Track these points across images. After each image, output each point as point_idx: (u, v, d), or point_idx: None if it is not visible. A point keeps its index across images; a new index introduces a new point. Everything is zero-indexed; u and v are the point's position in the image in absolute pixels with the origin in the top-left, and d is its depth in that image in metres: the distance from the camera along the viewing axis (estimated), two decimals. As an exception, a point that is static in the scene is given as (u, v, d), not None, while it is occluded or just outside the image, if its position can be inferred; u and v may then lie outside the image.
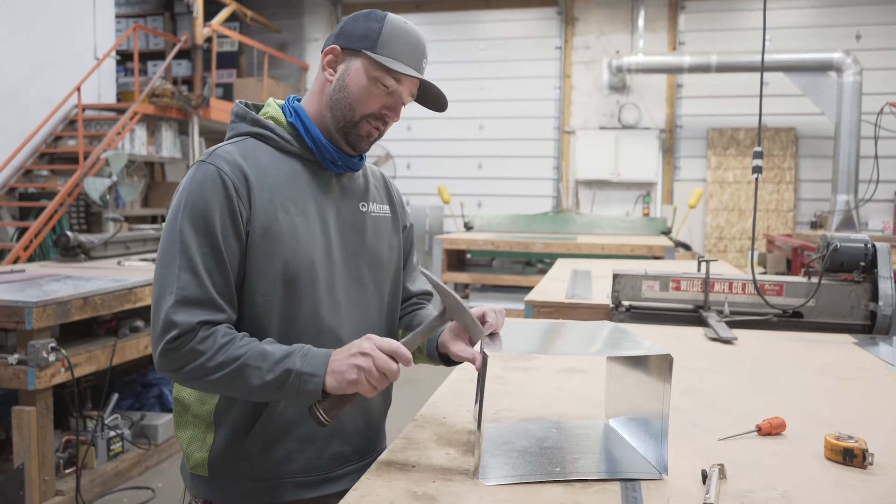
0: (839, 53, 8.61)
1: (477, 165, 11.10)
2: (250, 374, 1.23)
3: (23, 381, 3.14)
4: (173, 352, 1.24)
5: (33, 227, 6.87)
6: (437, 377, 1.82)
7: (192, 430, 1.40)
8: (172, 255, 1.27)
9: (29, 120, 7.66)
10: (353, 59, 1.38)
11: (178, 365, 1.25)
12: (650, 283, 2.67)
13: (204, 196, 1.29)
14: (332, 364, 1.22)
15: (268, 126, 1.41)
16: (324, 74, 1.42)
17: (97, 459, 3.80)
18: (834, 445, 1.25)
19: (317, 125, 1.42)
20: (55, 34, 8.11)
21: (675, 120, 10.60)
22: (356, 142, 1.41)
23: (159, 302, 1.26)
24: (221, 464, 1.37)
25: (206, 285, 1.26)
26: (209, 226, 1.28)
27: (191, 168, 1.35)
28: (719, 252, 10.22)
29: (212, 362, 1.23)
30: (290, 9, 11.78)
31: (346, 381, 1.21)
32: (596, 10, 10.70)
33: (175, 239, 1.28)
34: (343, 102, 1.38)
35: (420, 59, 1.40)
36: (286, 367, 1.23)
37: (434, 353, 1.46)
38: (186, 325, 1.24)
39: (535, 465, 1.22)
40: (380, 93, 1.38)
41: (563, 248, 7.25)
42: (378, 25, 1.37)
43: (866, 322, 2.54)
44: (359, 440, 1.47)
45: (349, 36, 1.39)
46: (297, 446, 1.38)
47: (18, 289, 3.46)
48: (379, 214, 1.53)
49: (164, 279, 1.27)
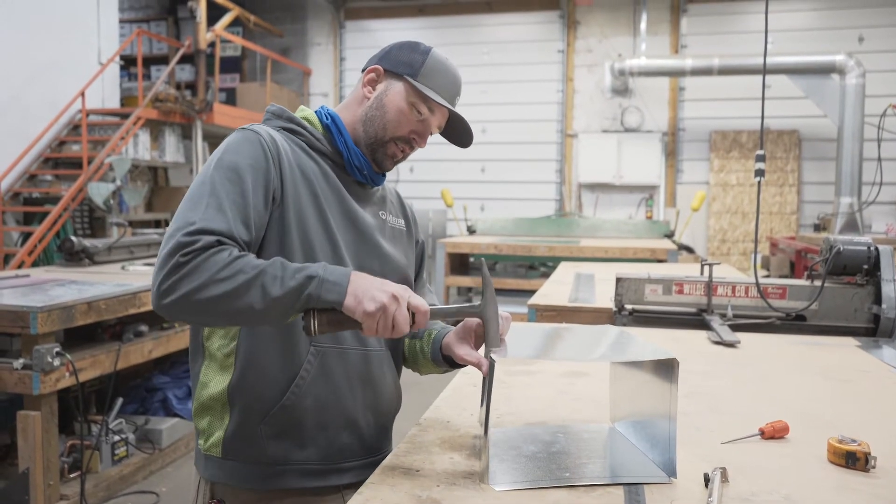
0: (842, 56, 8.61)
1: (480, 169, 11.12)
2: (269, 282, 1.17)
3: (28, 386, 3.15)
4: (181, 267, 1.16)
5: (37, 232, 6.89)
6: (441, 381, 1.82)
7: (210, 412, 1.40)
8: (201, 195, 1.26)
9: (33, 125, 7.69)
10: (394, 82, 1.45)
11: (182, 283, 1.16)
12: (653, 286, 2.67)
13: (241, 152, 1.32)
14: (357, 283, 1.20)
15: (300, 122, 1.46)
16: (363, 90, 1.47)
17: (102, 464, 3.81)
18: (836, 449, 1.25)
19: (350, 135, 1.47)
20: (59, 39, 8.15)
21: (678, 123, 10.60)
22: (381, 160, 1.47)
23: (178, 230, 1.20)
24: (235, 445, 1.37)
25: (231, 222, 1.24)
26: (241, 178, 1.29)
27: (231, 134, 1.39)
28: (723, 255, 10.21)
29: (223, 273, 1.17)
30: (292, 13, 11.82)
31: (362, 308, 1.18)
32: (598, 13, 10.72)
33: (206, 182, 1.28)
34: (377, 120, 1.44)
35: (454, 95, 1.47)
36: (309, 274, 1.19)
37: (438, 356, 1.47)
38: (202, 242, 1.19)
39: (543, 470, 1.22)
40: (413, 118, 1.44)
41: (566, 252, 7.26)
42: (422, 57, 1.44)
43: (869, 325, 2.54)
44: (368, 435, 1.47)
45: (394, 61, 1.46)
46: (310, 433, 1.38)
47: (23, 294, 3.48)
48: (395, 226, 1.58)
49: (189, 213, 1.24)
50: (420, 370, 1.59)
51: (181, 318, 1.23)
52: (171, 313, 1.20)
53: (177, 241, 1.18)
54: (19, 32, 7.62)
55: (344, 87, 11.68)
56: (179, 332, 4.17)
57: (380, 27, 11.52)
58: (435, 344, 1.48)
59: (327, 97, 11.66)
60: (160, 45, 11.35)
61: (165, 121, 8.67)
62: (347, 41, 11.70)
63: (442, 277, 7.76)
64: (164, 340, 4.05)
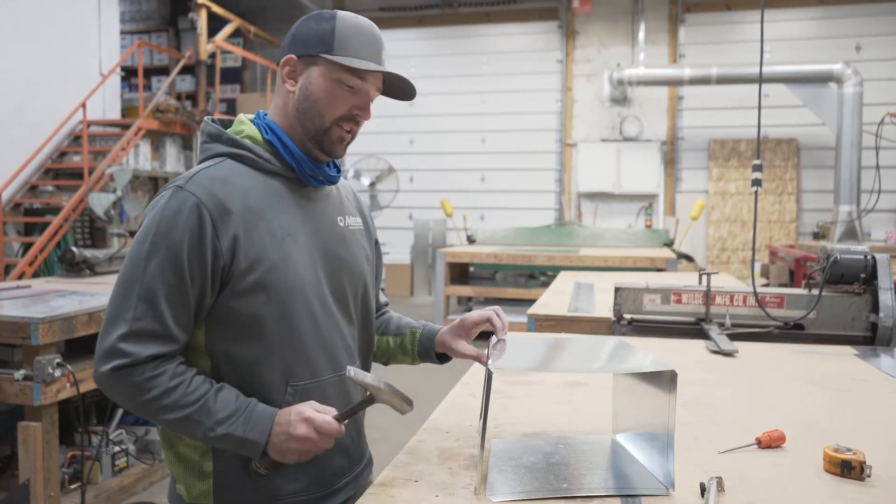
0: (839, 64, 8.65)
1: (479, 178, 11.15)
2: (194, 427, 1.24)
3: (28, 397, 3.16)
4: (119, 380, 1.22)
5: (38, 243, 6.91)
6: (440, 392, 1.83)
7: (186, 461, 1.36)
8: (133, 280, 1.23)
9: (34, 136, 7.73)
10: (312, 66, 1.34)
11: (124, 395, 1.24)
12: (652, 296, 2.68)
13: (176, 225, 1.24)
14: (274, 437, 1.25)
15: (246, 146, 1.35)
16: (285, 87, 1.37)
17: (102, 475, 3.80)
18: (832, 458, 1.26)
19: (291, 139, 1.37)
20: (61, 51, 8.20)
21: (677, 132, 10.64)
22: (330, 148, 1.37)
23: (111, 325, 1.23)
24: (225, 491, 1.34)
25: (164, 317, 1.23)
26: (176, 256, 1.23)
27: (166, 190, 1.29)
28: (722, 263, 10.23)
29: (159, 403, 1.22)
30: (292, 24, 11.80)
31: (287, 459, 1.27)
32: (597, 23, 10.78)
33: (139, 263, 1.23)
34: (311, 111, 1.34)
35: (379, 51, 1.35)
36: (227, 433, 1.24)
37: (430, 353, 1.55)
38: (136, 356, 1.21)
39: (542, 481, 1.22)
40: (345, 94, 1.33)
41: (566, 261, 7.27)
42: (330, 25, 1.32)
43: (867, 334, 2.54)
44: (354, 451, 1.50)
45: (303, 42, 1.34)
46: (300, 466, 1.35)
47: (24, 304, 3.48)
48: (354, 227, 1.51)
49: (121, 304, 1.23)
50: (390, 362, 1.65)
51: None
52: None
53: (112, 346, 1.22)
54: (21, 44, 7.66)
55: (344, 98, 11.73)
56: (180, 342, 4.17)
57: (379, 38, 11.57)
58: (425, 341, 1.55)
59: (327, 107, 11.70)
60: (161, 57, 11.40)
61: (166, 131, 8.71)
62: (347, 52, 11.75)
63: (442, 287, 7.77)
64: (165, 351, 4.05)
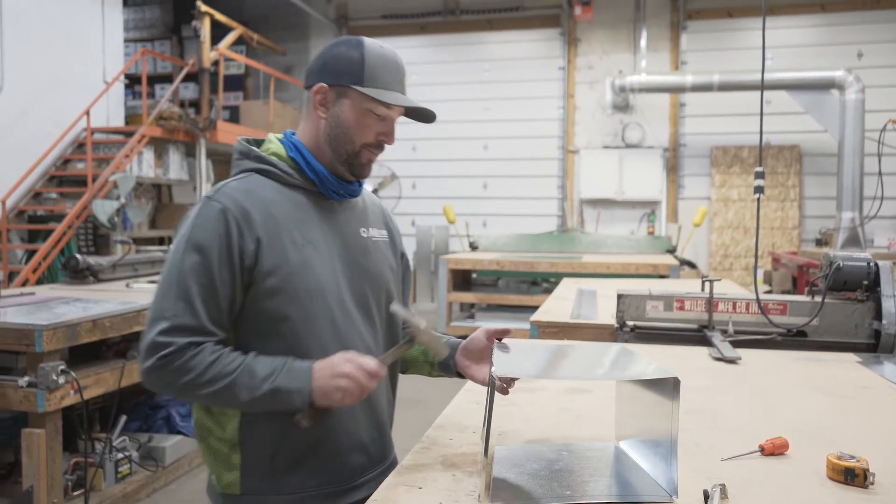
0: (841, 71, 8.66)
1: (482, 185, 11.16)
2: (240, 390, 1.32)
3: (32, 404, 3.16)
4: (162, 368, 1.32)
5: (42, 250, 6.93)
6: (444, 399, 1.84)
7: (216, 453, 1.47)
8: (170, 284, 1.36)
9: (38, 143, 7.75)
10: (343, 96, 1.46)
11: (168, 381, 1.34)
12: (654, 303, 2.69)
13: (206, 230, 1.38)
14: (317, 381, 1.34)
15: (271, 161, 1.48)
16: (316, 113, 1.48)
17: (105, 481, 3.81)
18: (835, 465, 1.26)
19: (316, 158, 1.49)
20: (65, 58, 8.24)
21: (679, 138, 10.65)
22: (360, 170, 1.50)
23: (153, 325, 1.35)
24: (252, 482, 1.44)
25: (199, 314, 1.35)
26: (208, 258, 1.36)
27: (198, 203, 1.44)
28: (725, 270, 10.22)
29: (202, 378, 1.32)
30: (295, 32, 11.93)
31: (330, 399, 1.34)
32: (598, 30, 10.81)
33: (175, 268, 1.37)
34: (342, 137, 1.46)
35: (402, 80, 1.49)
36: (273, 387, 1.32)
37: (451, 370, 1.59)
38: (176, 344, 1.32)
39: (545, 488, 1.23)
40: (374, 122, 1.46)
41: (569, 268, 7.27)
42: (359, 55, 1.44)
43: (870, 341, 2.54)
44: (374, 449, 1.56)
45: (334, 72, 1.45)
46: (322, 462, 1.46)
47: (28, 312, 3.49)
48: (378, 239, 1.61)
49: (161, 305, 1.36)
50: (408, 370, 1.70)
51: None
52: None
53: (153, 340, 1.33)
54: (26, 52, 7.70)
55: (346, 105, 11.75)
56: (183, 349, 4.18)
57: (382, 45, 11.60)
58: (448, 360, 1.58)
59: (330, 114, 11.72)
60: (164, 64, 11.45)
61: (169, 139, 8.73)
62: (350, 59, 11.78)
63: (444, 294, 7.78)
64: (168, 358, 4.06)
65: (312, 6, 11.17)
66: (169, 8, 11.99)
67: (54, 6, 8.10)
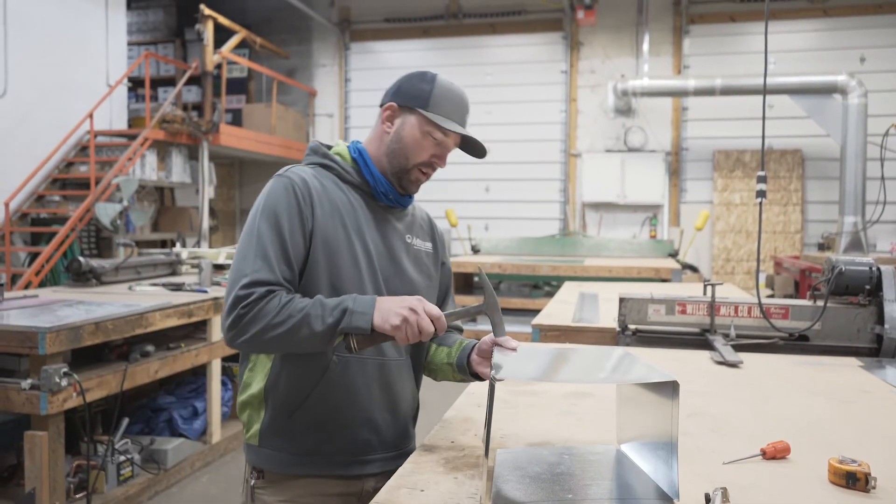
0: (844, 76, 8.66)
1: (484, 189, 11.17)
2: (312, 320, 1.43)
3: (35, 406, 3.17)
4: (243, 317, 1.44)
5: (45, 253, 6.94)
6: (446, 401, 1.84)
7: (249, 406, 1.63)
8: (249, 246, 1.51)
9: (41, 146, 7.77)
10: (408, 116, 1.63)
11: (248, 330, 1.45)
12: (656, 306, 2.69)
13: (278, 200, 1.55)
14: (381, 305, 1.45)
15: (333, 158, 1.67)
16: (382, 127, 1.66)
17: (107, 484, 3.81)
18: (837, 469, 1.26)
19: (375, 165, 1.67)
20: (68, 61, 8.26)
21: (681, 142, 10.65)
22: (407, 186, 1.67)
23: (235, 283, 1.48)
24: (270, 436, 1.60)
25: (275, 270, 1.49)
26: (280, 224, 1.52)
27: (270, 181, 1.62)
28: (727, 274, 10.21)
29: (278, 318, 1.44)
30: (298, 35, 11.95)
31: (389, 323, 1.43)
32: (601, 34, 10.81)
33: (253, 233, 1.52)
34: (399, 152, 1.63)
35: (464, 115, 1.66)
36: (342, 308, 1.44)
37: (465, 368, 1.66)
38: (256, 293, 1.45)
39: (547, 491, 1.23)
40: (430, 144, 1.63)
41: (571, 271, 7.27)
42: (429, 87, 1.63)
43: (872, 345, 2.54)
44: (385, 432, 1.65)
45: (405, 95, 1.64)
46: (334, 429, 1.59)
47: (32, 314, 3.50)
48: (420, 248, 1.75)
49: (241, 265, 1.50)
50: (437, 376, 1.79)
51: (249, 353, 1.61)
52: (240, 350, 1.56)
53: (235, 295, 1.46)
54: (29, 55, 7.73)
55: (349, 108, 11.77)
56: (185, 352, 4.19)
57: (384, 49, 11.64)
58: (463, 352, 1.68)
59: (332, 118, 11.75)
60: (167, 67, 11.47)
61: (172, 142, 8.75)
62: (352, 62, 11.82)
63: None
64: (171, 361, 4.07)
65: (315, 10, 11.19)
66: (172, 11, 12.02)
67: (58, 10, 8.12)
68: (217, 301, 4.43)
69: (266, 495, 1.62)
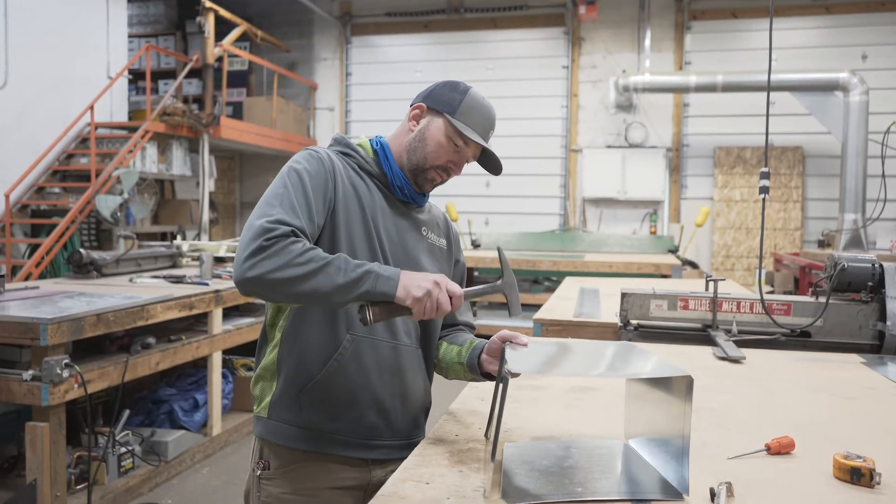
0: (845, 73, 8.65)
1: (484, 183, 11.16)
2: (333, 271, 1.41)
3: (36, 397, 3.17)
4: (266, 249, 1.39)
5: (45, 244, 6.93)
6: (450, 395, 1.84)
7: (262, 380, 1.66)
8: (274, 195, 1.50)
9: (42, 138, 7.76)
10: (435, 118, 1.67)
11: (266, 261, 1.39)
12: (658, 302, 2.69)
13: (307, 163, 1.58)
14: (405, 277, 1.43)
15: (355, 148, 1.71)
16: (409, 124, 1.71)
17: (108, 475, 3.82)
18: (842, 464, 1.27)
19: (395, 160, 1.70)
20: (69, 54, 8.24)
21: (682, 139, 10.64)
22: (423, 183, 1.70)
23: (260, 217, 1.44)
24: (279, 408, 1.62)
25: (302, 220, 1.48)
26: (305, 184, 1.53)
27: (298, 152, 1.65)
28: (727, 270, 10.22)
29: (300, 259, 1.40)
30: (299, 29, 11.92)
31: (411, 295, 1.41)
32: (602, 30, 10.79)
33: (279, 186, 1.52)
34: (419, 151, 1.67)
35: (488, 129, 1.69)
36: (367, 269, 1.42)
37: (475, 368, 1.65)
38: (282, 229, 1.42)
39: (556, 485, 1.23)
40: (450, 149, 1.66)
41: (571, 267, 7.28)
42: (461, 97, 1.66)
43: (874, 342, 2.55)
44: (394, 419, 1.65)
45: (436, 99, 1.68)
46: (341, 408, 1.60)
47: (33, 305, 3.50)
48: (436, 244, 1.78)
49: (265, 210, 1.47)
50: (448, 375, 1.78)
51: (257, 292, 1.44)
52: (249, 288, 1.41)
53: (262, 225, 1.42)
54: (30, 47, 7.71)
55: (350, 102, 11.75)
56: (186, 344, 4.20)
57: (386, 43, 11.61)
58: (474, 352, 1.67)
59: (333, 111, 11.73)
60: (168, 60, 11.44)
61: (173, 134, 8.73)
62: (353, 56, 11.79)
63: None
64: (172, 353, 4.07)
65: (317, 3, 11.16)
66: (173, 4, 11.99)
67: (59, 2, 8.10)
68: (218, 293, 4.43)
69: (272, 486, 1.63)
